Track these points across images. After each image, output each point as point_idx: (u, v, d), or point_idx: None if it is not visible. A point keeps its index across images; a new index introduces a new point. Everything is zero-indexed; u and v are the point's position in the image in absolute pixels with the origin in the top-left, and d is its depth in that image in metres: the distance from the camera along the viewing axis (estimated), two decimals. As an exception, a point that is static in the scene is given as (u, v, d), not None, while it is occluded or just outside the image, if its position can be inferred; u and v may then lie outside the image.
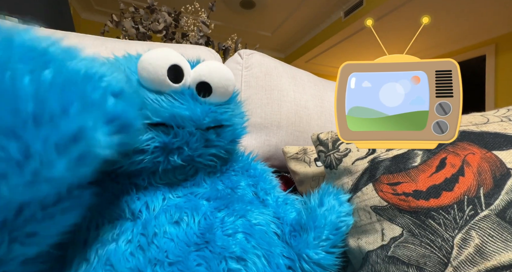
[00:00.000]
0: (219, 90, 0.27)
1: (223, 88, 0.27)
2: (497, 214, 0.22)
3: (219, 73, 0.26)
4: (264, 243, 0.26)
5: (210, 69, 0.26)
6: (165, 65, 0.23)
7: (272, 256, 0.26)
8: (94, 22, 3.01)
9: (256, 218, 0.28)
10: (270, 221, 0.30)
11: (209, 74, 0.26)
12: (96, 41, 0.53)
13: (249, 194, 0.32)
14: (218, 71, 0.26)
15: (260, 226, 0.28)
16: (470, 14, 2.45)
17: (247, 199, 0.31)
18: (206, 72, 0.26)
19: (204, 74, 0.26)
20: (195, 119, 0.25)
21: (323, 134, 0.41)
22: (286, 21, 3.23)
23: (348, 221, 0.30)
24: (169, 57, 0.24)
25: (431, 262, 0.23)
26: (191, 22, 1.20)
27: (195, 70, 0.26)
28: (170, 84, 0.24)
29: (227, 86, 0.27)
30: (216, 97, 0.27)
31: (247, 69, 0.62)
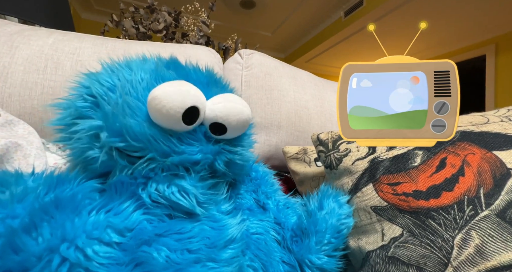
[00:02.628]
0: (234, 131, 0.25)
1: (239, 131, 0.25)
2: (497, 214, 0.22)
3: (237, 116, 0.24)
4: (262, 253, 0.26)
5: (227, 110, 0.23)
6: (180, 109, 0.21)
7: (271, 266, 0.26)
8: (94, 22, 3.01)
9: (253, 227, 0.28)
10: (270, 228, 0.29)
11: (227, 117, 0.23)
12: (96, 41, 0.53)
13: (248, 201, 0.32)
14: (236, 113, 0.24)
15: (258, 234, 0.27)
16: (470, 14, 2.45)
17: (245, 207, 0.31)
18: (224, 114, 0.23)
19: (222, 117, 0.23)
20: (205, 163, 0.24)
21: (323, 135, 0.41)
22: (286, 21, 3.23)
23: (348, 223, 0.30)
24: (186, 99, 0.21)
25: (431, 262, 0.23)
26: (191, 22, 1.20)
27: (212, 109, 0.23)
28: (184, 127, 0.22)
29: (243, 127, 0.25)
30: (231, 135, 0.25)
31: (247, 69, 0.62)
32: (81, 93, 0.24)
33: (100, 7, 2.91)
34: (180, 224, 0.22)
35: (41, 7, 0.85)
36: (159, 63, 0.26)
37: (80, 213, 0.19)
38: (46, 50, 0.48)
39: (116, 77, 0.24)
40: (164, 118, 0.21)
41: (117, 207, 0.20)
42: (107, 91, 0.23)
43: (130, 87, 0.23)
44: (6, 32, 0.48)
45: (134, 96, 0.23)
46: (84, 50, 0.50)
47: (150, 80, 0.24)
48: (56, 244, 0.16)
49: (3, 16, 0.76)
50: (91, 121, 0.22)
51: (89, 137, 0.22)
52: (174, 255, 0.19)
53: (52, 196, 0.19)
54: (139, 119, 0.22)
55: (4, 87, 0.44)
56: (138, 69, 0.25)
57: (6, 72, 0.44)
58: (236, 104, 0.24)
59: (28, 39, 0.48)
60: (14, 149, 0.31)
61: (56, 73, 0.47)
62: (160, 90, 0.21)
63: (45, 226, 0.17)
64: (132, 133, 0.21)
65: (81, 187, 0.21)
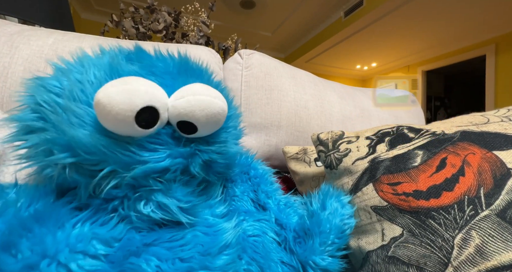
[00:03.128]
0: (206, 127, 0.21)
1: (211, 125, 0.21)
2: (497, 214, 0.22)
3: (205, 111, 0.19)
4: (259, 256, 0.25)
5: (192, 105, 0.19)
6: (130, 112, 0.17)
7: (269, 268, 0.25)
8: (94, 22, 3.01)
9: (250, 229, 0.27)
10: (268, 229, 0.29)
11: (192, 113, 0.19)
12: (96, 41, 0.53)
13: (245, 203, 0.31)
14: (203, 108, 0.19)
15: (255, 236, 0.27)
16: (470, 14, 2.45)
17: (242, 209, 0.30)
18: (188, 111, 0.19)
19: (186, 113, 0.19)
20: (177, 169, 0.21)
21: (323, 134, 0.41)
22: (286, 21, 3.23)
23: (351, 223, 0.30)
24: (135, 99, 0.17)
25: (431, 262, 0.23)
26: (191, 22, 1.20)
27: (174, 106, 0.19)
28: (141, 131, 0.19)
29: (217, 121, 0.21)
30: (204, 132, 0.21)
31: (247, 69, 0.62)
32: (29, 103, 0.20)
33: (100, 7, 2.91)
34: (171, 232, 0.20)
35: (41, 7, 0.85)
36: (117, 56, 0.23)
37: (63, 226, 0.17)
38: (46, 51, 0.48)
39: (66, 79, 0.21)
40: (115, 125, 0.18)
41: (102, 217, 0.19)
42: (54, 97, 0.20)
43: (79, 91, 0.19)
44: (6, 32, 0.48)
45: (84, 101, 0.19)
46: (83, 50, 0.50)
47: (104, 77, 0.20)
48: (36, 261, 0.15)
49: (3, 16, 0.76)
50: (40, 135, 0.19)
51: (42, 153, 0.19)
52: (165, 265, 0.18)
53: (31, 209, 0.18)
54: (89, 128, 0.18)
55: (4, 87, 0.44)
56: (90, 66, 0.21)
57: (6, 72, 0.44)
58: (203, 96, 0.20)
59: (28, 39, 0.48)
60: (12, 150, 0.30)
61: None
62: (102, 93, 0.17)
63: (24, 242, 0.16)
64: (82, 146, 0.18)
65: (61, 202, 0.19)
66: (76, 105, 0.19)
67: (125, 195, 0.20)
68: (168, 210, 0.20)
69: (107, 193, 0.20)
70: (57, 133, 0.18)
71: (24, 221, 0.17)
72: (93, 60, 0.22)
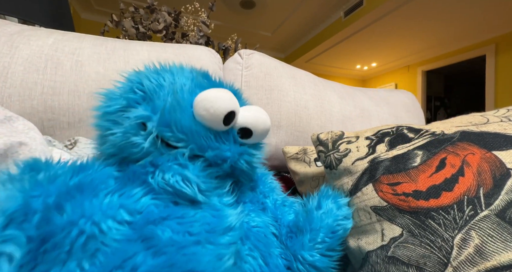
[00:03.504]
0: (258, 138, 0.29)
1: (262, 137, 0.30)
2: (497, 214, 0.22)
3: (263, 124, 0.28)
4: (261, 245, 0.27)
5: (256, 119, 0.28)
6: (224, 111, 0.25)
7: (270, 257, 0.27)
8: (94, 22, 3.01)
9: (254, 220, 0.29)
10: (269, 223, 0.30)
11: (255, 124, 0.28)
12: (96, 41, 0.53)
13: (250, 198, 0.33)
14: (262, 122, 0.28)
15: (258, 227, 0.28)
16: (470, 14, 2.45)
17: (249, 205, 0.31)
18: (253, 121, 0.28)
19: (251, 123, 0.28)
20: (232, 161, 0.27)
21: (323, 135, 0.41)
22: (286, 21, 3.23)
23: (345, 224, 0.30)
24: (230, 104, 0.25)
25: (431, 262, 0.23)
26: (191, 22, 1.20)
27: (243, 115, 0.28)
28: (222, 127, 0.26)
29: (266, 134, 0.30)
30: (254, 140, 0.29)
31: (247, 69, 0.62)
32: (132, 87, 0.27)
33: (100, 7, 2.91)
34: (183, 210, 0.24)
35: (41, 7, 0.85)
36: (196, 73, 0.31)
37: (97, 195, 0.21)
38: (46, 51, 0.48)
39: (162, 78, 0.28)
40: (209, 117, 0.25)
41: (129, 191, 0.23)
42: (155, 87, 0.27)
43: (177, 88, 0.26)
44: (6, 32, 0.48)
45: (181, 96, 0.26)
46: (84, 50, 0.50)
47: (191, 85, 0.27)
48: (76, 219, 0.19)
49: (3, 16, 0.76)
50: (141, 111, 0.25)
51: (136, 125, 0.25)
52: (176, 236, 0.21)
53: (75, 180, 0.22)
54: (187, 115, 0.25)
55: (4, 87, 0.44)
56: (179, 74, 0.29)
57: (6, 72, 0.44)
58: (263, 115, 0.29)
59: (28, 39, 0.48)
60: (18, 144, 0.31)
61: (56, 73, 0.47)
62: (211, 93, 0.25)
63: (68, 205, 0.20)
64: (179, 126, 0.25)
65: (99, 174, 0.24)
66: (180, 96, 0.26)
67: (162, 164, 0.25)
68: (189, 184, 0.24)
69: (150, 162, 0.25)
70: (159, 114, 0.25)
71: (70, 189, 0.21)
72: (179, 71, 0.29)
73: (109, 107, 0.26)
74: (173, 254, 0.20)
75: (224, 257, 0.22)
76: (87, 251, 0.18)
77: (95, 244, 0.19)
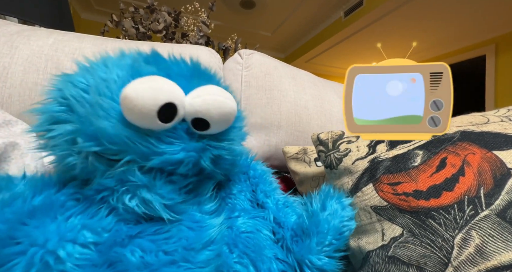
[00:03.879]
0: (218, 125, 0.23)
1: (223, 123, 0.24)
2: (497, 214, 0.22)
3: (218, 109, 0.22)
4: (250, 251, 0.26)
5: (208, 104, 0.22)
6: (154, 107, 0.19)
7: (262, 262, 0.26)
8: (94, 22, 3.01)
9: (243, 226, 0.28)
10: (262, 227, 0.29)
11: (207, 111, 0.22)
12: (96, 41, 0.53)
13: (242, 202, 0.32)
14: (217, 107, 0.22)
15: (247, 233, 0.27)
16: (470, 14, 2.45)
17: (238, 207, 0.30)
18: (204, 108, 0.22)
19: (201, 111, 0.22)
20: (189, 162, 0.23)
21: (323, 134, 0.41)
22: (286, 21, 3.23)
23: (351, 225, 0.30)
24: (159, 96, 0.20)
25: (432, 262, 0.23)
26: (191, 22, 1.20)
27: (191, 103, 0.22)
28: (162, 125, 0.21)
29: (228, 120, 0.24)
30: (215, 129, 0.24)
31: (247, 69, 0.62)
32: (56, 97, 0.23)
33: (100, 7, 2.91)
34: (156, 225, 0.21)
35: (41, 7, 0.85)
36: (137, 58, 0.25)
37: (56, 218, 0.19)
38: (46, 51, 0.48)
39: (91, 77, 0.23)
40: (138, 118, 0.20)
41: (93, 210, 0.21)
42: (80, 92, 0.22)
43: (105, 87, 0.22)
44: (6, 32, 0.48)
45: (109, 96, 0.21)
46: (84, 50, 0.50)
47: (127, 77, 0.22)
48: (26, 249, 0.17)
49: (3, 16, 0.76)
50: (66, 126, 0.21)
51: (66, 142, 0.21)
52: (149, 256, 0.19)
53: (35, 201, 0.19)
54: (114, 121, 0.20)
55: (4, 87, 0.44)
56: (113, 66, 0.23)
57: (6, 72, 0.44)
58: (218, 97, 0.22)
59: (28, 40, 0.48)
60: (12, 148, 0.31)
61: (56, 74, 0.47)
62: (130, 89, 0.19)
63: (21, 232, 0.17)
64: (107, 136, 0.20)
65: (62, 193, 0.21)
66: (102, 99, 0.21)
67: (114, 187, 0.21)
68: (151, 205, 0.22)
69: (99, 184, 0.21)
70: (83, 125, 0.21)
71: (26, 212, 0.19)
72: (116, 61, 0.24)
73: (38, 127, 0.22)
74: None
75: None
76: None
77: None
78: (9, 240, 0.17)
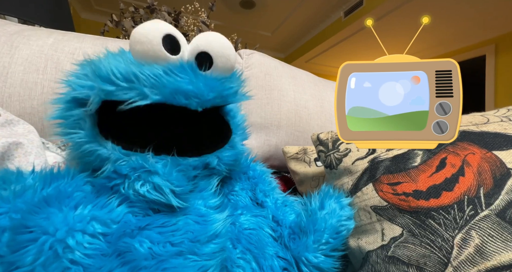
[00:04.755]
0: (220, 60, 0.24)
1: (224, 58, 0.24)
2: (497, 214, 0.22)
3: (218, 42, 0.24)
4: (253, 247, 0.26)
5: (208, 38, 0.24)
6: (159, 34, 0.21)
7: (264, 259, 0.26)
8: (94, 22, 3.01)
9: (246, 222, 0.28)
10: (264, 224, 0.30)
11: (208, 44, 0.23)
12: (96, 41, 0.53)
13: (243, 198, 0.32)
14: (217, 40, 0.24)
15: (251, 229, 0.28)
16: (470, 14, 2.45)
17: (241, 205, 0.31)
18: (204, 42, 0.23)
19: (203, 44, 0.23)
20: (198, 95, 0.23)
21: (323, 134, 0.41)
22: (286, 21, 3.22)
23: (349, 225, 0.30)
24: (161, 26, 0.22)
25: (431, 262, 0.23)
26: (191, 22, 1.20)
27: (192, 42, 0.24)
28: (167, 55, 0.22)
29: (228, 56, 0.24)
30: (218, 70, 0.24)
31: (247, 69, 0.62)
32: (74, 83, 0.23)
33: (100, 7, 2.91)
34: (164, 218, 0.22)
35: (41, 7, 0.85)
36: None
37: (65, 208, 0.19)
38: (46, 50, 0.48)
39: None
40: (145, 48, 0.21)
41: (103, 201, 0.21)
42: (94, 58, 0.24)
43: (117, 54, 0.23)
44: (6, 32, 0.48)
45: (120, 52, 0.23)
46: (84, 50, 0.50)
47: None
48: (36, 237, 0.17)
49: (3, 16, 0.76)
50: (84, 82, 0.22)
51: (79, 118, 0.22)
52: (157, 247, 0.20)
53: (45, 192, 0.20)
54: (125, 61, 0.22)
55: (4, 87, 0.44)
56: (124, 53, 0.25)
57: (6, 72, 0.44)
58: (216, 34, 0.24)
59: (28, 39, 0.48)
60: (15, 147, 0.31)
61: (56, 73, 0.47)
62: (137, 28, 0.22)
63: (33, 221, 0.18)
64: (118, 73, 0.21)
65: (69, 185, 0.22)
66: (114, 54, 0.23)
67: (127, 173, 0.22)
68: (161, 191, 0.22)
69: (114, 171, 0.22)
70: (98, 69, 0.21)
71: (36, 202, 0.19)
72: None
73: (59, 113, 0.23)
74: (153, 270, 0.18)
75: (209, 269, 0.20)
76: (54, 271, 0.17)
77: (61, 263, 0.17)
78: (23, 228, 0.18)
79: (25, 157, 0.32)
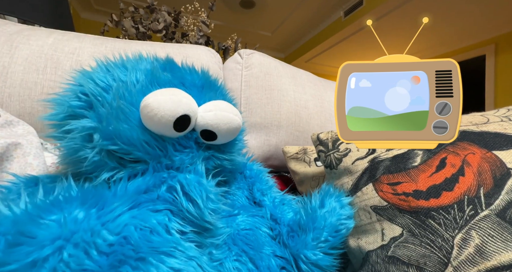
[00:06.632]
0: (224, 138, 0.26)
1: (229, 137, 0.27)
2: (497, 214, 0.22)
3: (227, 125, 0.25)
4: (248, 248, 0.26)
5: (219, 119, 0.25)
6: (172, 118, 0.22)
7: (261, 260, 0.26)
8: (94, 22, 3.00)
9: (242, 223, 0.29)
10: (261, 224, 0.30)
11: (217, 125, 0.25)
12: (96, 41, 0.53)
13: (240, 198, 0.32)
14: (226, 122, 0.25)
15: (247, 230, 0.28)
16: (470, 14, 2.45)
17: (237, 204, 0.31)
18: (215, 122, 0.25)
19: (212, 125, 0.24)
20: (195, 168, 0.25)
21: (323, 134, 0.41)
22: (286, 21, 3.22)
23: (348, 224, 0.30)
24: (178, 108, 0.22)
25: (431, 262, 0.23)
26: (191, 22, 1.20)
27: (203, 116, 0.24)
28: (175, 133, 0.23)
29: (233, 134, 0.27)
30: (221, 141, 0.26)
31: (247, 69, 0.62)
32: (75, 92, 0.24)
33: (100, 7, 2.91)
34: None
35: (41, 7, 0.85)
36: (155, 64, 0.27)
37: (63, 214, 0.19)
38: (46, 50, 0.47)
39: (111, 77, 0.24)
40: (156, 126, 0.22)
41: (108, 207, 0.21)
42: (101, 91, 0.23)
43: (125, 90, 0.23)
44: (5, 32, 0.48)
45: (128, 100, 0.23)
46: (84, 50, 0.50)
47: (145, 82, 0.24)
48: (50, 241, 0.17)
49: (3, 16, 0.76)
50: (85, 122, 0.23)
51: (82, 137, 0.23)
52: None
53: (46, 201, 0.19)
54: (132, 124, 0.22)
55: (4, 87, 0.44)
56: (133, 69, 0.25)
57: (6, 72, 0.44)
58: (227, 113, 0.25)
59: (28, 39, 0.48)
60: (14, 147, 0.32)
61: (55, 73, 0.47)
62: (152, 99, 0.22)
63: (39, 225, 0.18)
64: (124, 138, 0.22)
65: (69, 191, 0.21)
66: (123, 104, 0.22)
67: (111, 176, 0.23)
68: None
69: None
70: (101, 124, 0.22)
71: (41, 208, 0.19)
72: (135, 64, 0.26)
73: (54, 117, 0.24)
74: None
75: None
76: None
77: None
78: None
79: (24, 158, 0.32)
